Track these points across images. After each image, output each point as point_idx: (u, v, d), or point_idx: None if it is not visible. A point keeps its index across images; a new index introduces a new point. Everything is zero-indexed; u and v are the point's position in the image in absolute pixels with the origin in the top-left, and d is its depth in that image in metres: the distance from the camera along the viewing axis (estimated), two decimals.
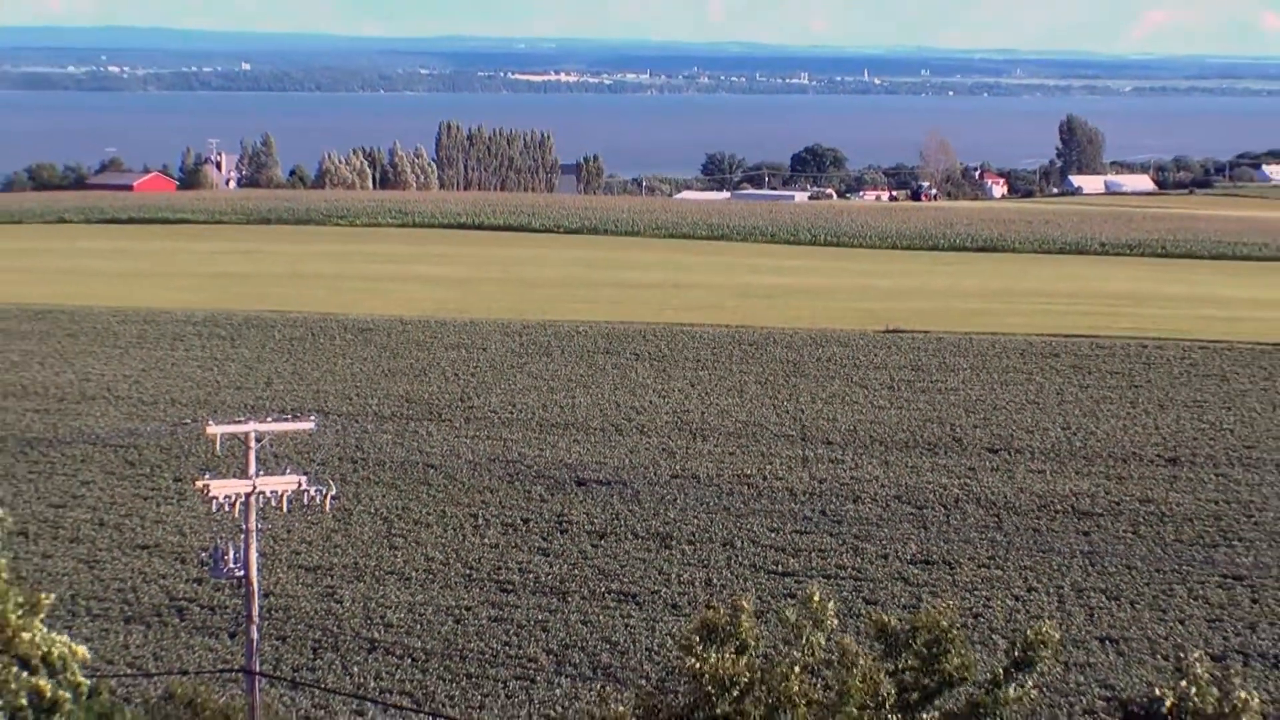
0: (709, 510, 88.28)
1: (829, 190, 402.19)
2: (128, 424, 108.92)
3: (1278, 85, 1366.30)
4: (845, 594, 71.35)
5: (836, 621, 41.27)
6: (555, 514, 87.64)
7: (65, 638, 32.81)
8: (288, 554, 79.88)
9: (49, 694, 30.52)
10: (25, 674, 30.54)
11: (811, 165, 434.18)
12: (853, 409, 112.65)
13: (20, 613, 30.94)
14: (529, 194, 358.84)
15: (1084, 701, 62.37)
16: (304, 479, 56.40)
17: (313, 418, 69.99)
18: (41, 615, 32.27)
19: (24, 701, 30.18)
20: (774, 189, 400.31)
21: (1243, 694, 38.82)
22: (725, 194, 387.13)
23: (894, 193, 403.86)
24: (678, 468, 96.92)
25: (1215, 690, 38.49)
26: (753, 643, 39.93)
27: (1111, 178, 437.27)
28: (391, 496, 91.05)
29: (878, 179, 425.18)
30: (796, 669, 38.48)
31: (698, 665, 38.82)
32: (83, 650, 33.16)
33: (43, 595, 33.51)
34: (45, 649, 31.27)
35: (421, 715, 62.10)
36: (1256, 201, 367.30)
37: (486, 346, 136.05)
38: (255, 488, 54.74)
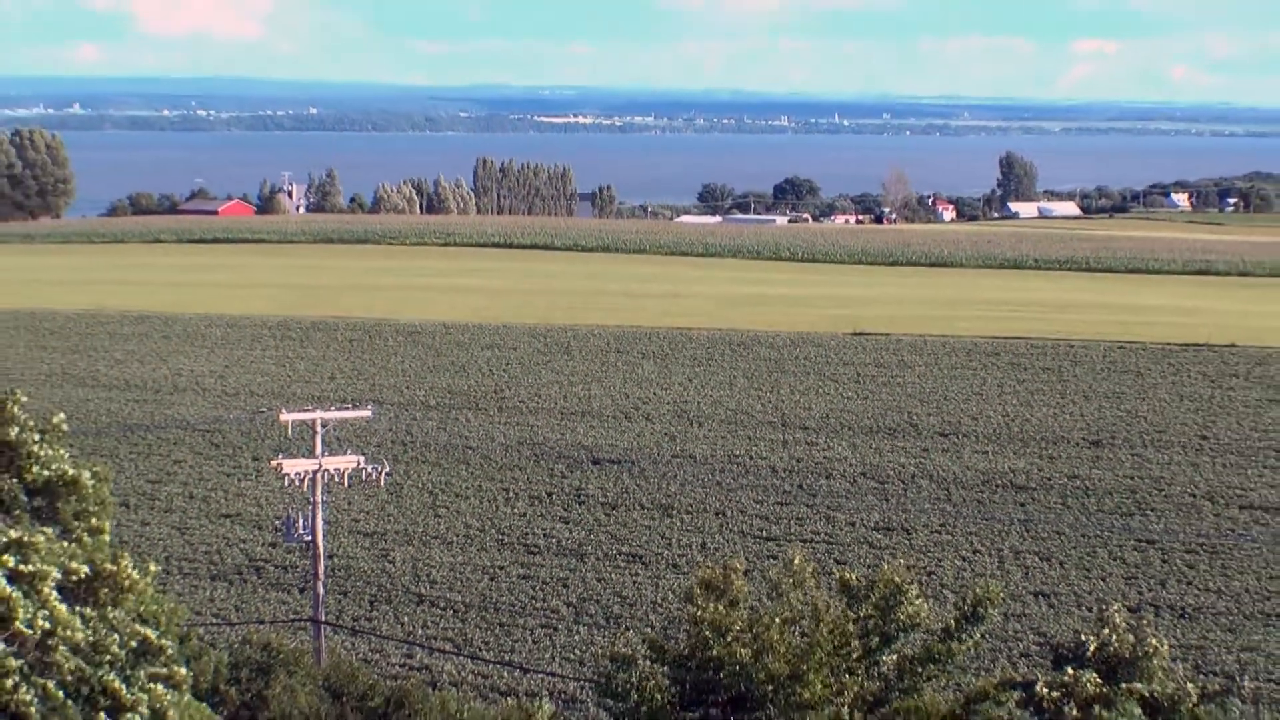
0: (704, 485, 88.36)
1: (805, 215, 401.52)
2: (213, 412, 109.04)
3: (1183, 126, 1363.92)
4: (819, 556, 71.40)
5: (814, 582, 41.29)
6: (574, 488, 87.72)
7: (168, 597, 32.99)
8: (348, 522, 79.99)
9: (154, 641, 30.67)
10: (135, 625, 30.72)
11: (790, 194, 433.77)
12: (825, 399, 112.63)
13: (133, 573, 31.09)
14: (552, 218, 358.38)
15: (1021, 646, 62.49)
16: (362, 459, 56.54)
17: (369, 407, 70.19)
18: (150, 579, 32.36)
19: (134, 645, 30.36)
20: (759, 214, 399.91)
21: (1154, 641, 38.86)
22: (717, 218, 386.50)
23: (860, 217, 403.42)
24: (677, 449, 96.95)
25: (1131, 637, 38.52)
26: (742, 598, 40.01)
27: (1044, 204, 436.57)
28: (436, 473, 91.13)
29: (846, 205, 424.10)
30: (777, 620, 38.55)
31: (699, 613, 38.93)
32: (183, 609, 33.32)
33: (152, 564, 33.61)
34: (152, 604, 31.47)
35: (461, 658, 62.14)
36: (1165, 224, 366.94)
37: (516, 347, 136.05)
38: (321, 466, 54.85)
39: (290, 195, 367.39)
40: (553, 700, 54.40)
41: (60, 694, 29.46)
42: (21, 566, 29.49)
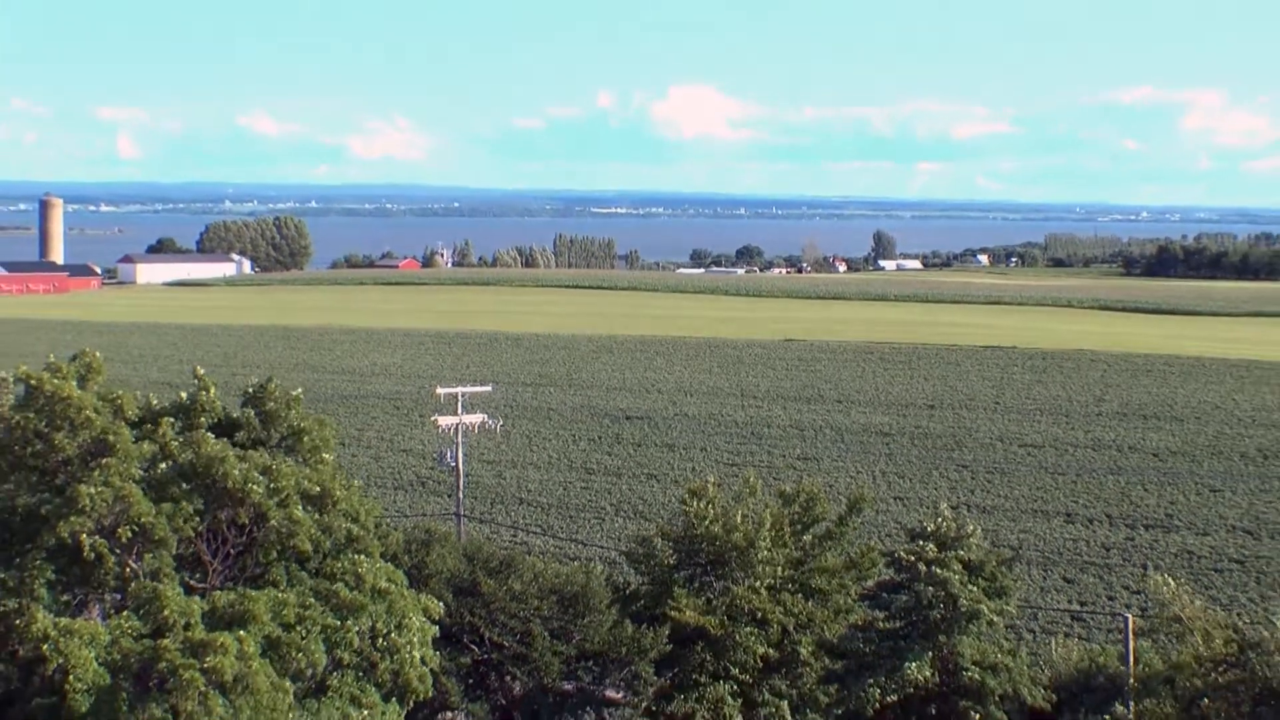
0: (693, 432, 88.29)
1: (755, 268, 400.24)
2: (395, 388, 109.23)
3: (983, 214, 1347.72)
4: (764, 475, 71.10)
5: (761, 491, 41.14)
6: (614, 434, 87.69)
7: (367, 499, 32.53)
8: (477, 454, 79.90)
9: (356, 531, 30.35)
10: (345, 521, 30.36)
11: (746, 255, 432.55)
12: (767, 380, 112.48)
13: (343, 489, 30.66)
14: (601, 270, 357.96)
15: (886, 529, 62.25)
16: (486, 416, 56.45)
17: (490, 384, 70.19)
18: (356, 490, 31.93)
19: (343, 537, 30.00)
20: (727, 268, 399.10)
21: (970, 526, 38.60)
22: (702, 270, 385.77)
23: (788, 269, 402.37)
24: (677, 410, 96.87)
25: (954, 524, 38.25)
26: (716, 500, 39.78)
27: (900, 262, 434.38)
28: (531, 425, 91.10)
29: (780, 262, 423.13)
30: (740, 513, 38.37)
31: (689, 509, 38.79)
32: (377, 506, 32.91)
33: (356, 481, 33.27)
34: (357, 505, 31.04)
35: (545, 537, 62.10)
36: (973, 273, 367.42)
37: (579, 348, 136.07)
38: (461, 420, 54.76)
39: (442, 256, 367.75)
40: (602, 563, 54.30)
41: (297, 567, 29.18)
42: (273, 484, 28.99)
